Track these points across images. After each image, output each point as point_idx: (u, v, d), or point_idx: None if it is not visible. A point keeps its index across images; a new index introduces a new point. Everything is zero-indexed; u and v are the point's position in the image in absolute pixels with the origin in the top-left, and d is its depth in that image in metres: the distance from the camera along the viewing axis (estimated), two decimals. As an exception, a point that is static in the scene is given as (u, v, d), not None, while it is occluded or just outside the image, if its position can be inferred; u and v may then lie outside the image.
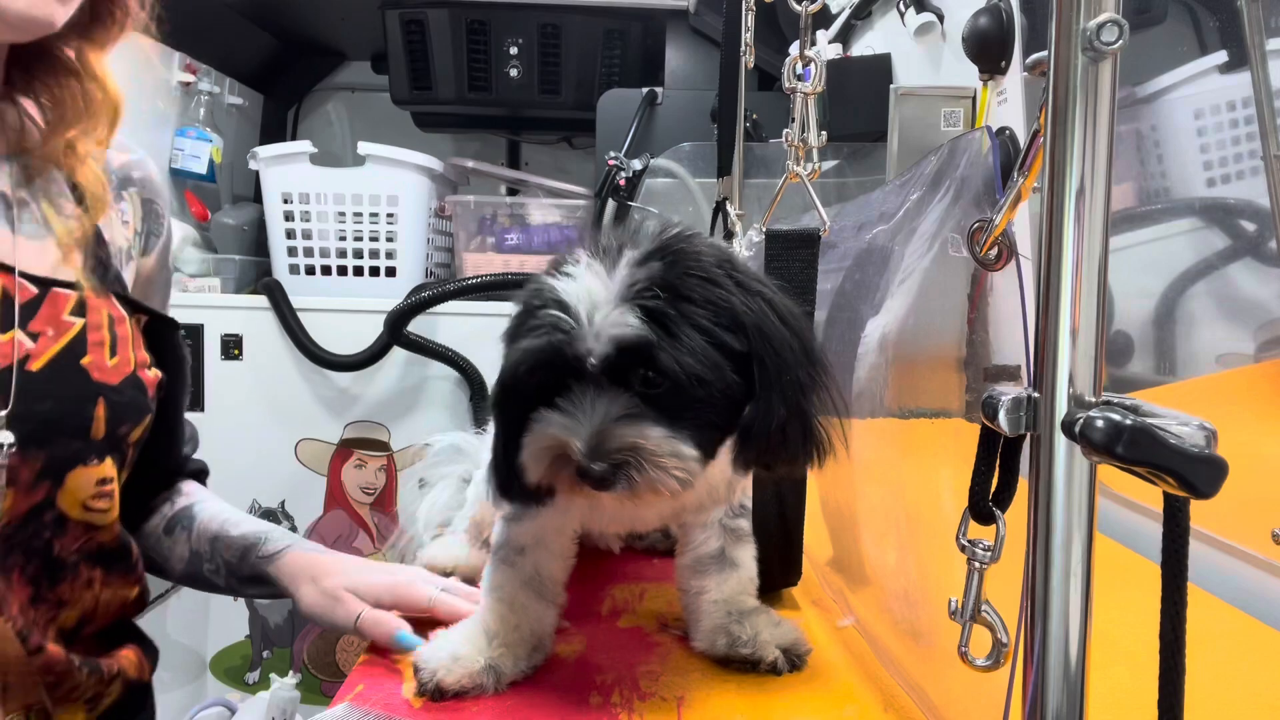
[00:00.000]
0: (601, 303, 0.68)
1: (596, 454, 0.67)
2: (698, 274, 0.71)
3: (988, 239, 0.55)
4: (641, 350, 0.67)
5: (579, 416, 0.68)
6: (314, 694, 2.27)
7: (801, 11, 1.01)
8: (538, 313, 0.70)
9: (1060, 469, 0.45)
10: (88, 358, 0.88)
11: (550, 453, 0.70)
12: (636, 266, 0.70)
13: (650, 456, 0.68)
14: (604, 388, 0.69)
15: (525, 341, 0.70)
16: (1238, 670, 0.81)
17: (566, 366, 0.69)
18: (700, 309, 0.69)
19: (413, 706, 0.78)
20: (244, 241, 2.47)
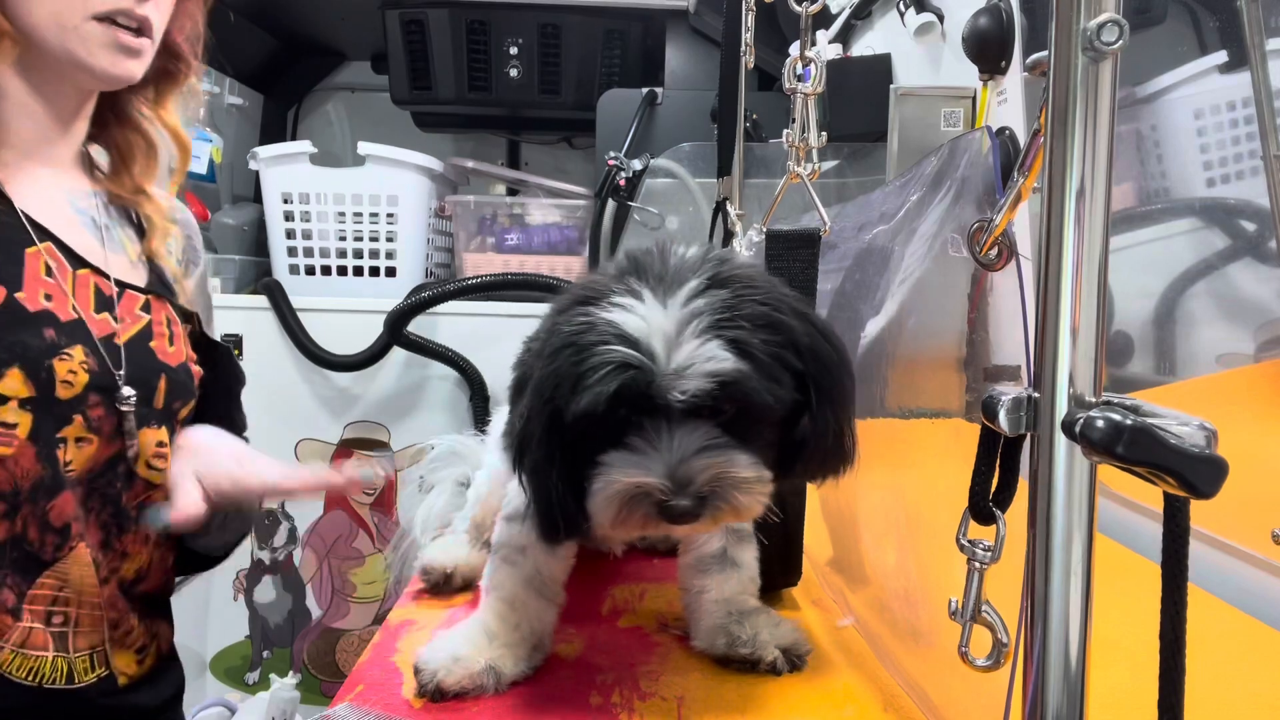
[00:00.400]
0: (677, 336, 0.66)
1: (684, 490, 0.65)
2: (760, 300, 0.70)
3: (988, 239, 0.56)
4: (736, 385, 0.66)
5: (656, 453, 0.66)
6: (314, 694, 2.28)
7: (801, 12, 1.01)
8: (596, 349, 0.67)
9: (1060, 469, 0.45)
10: (154, 342, 1.06)
11: (627, 495, 0.67)
12: (701, 296, 0.68)
13: (739, 484, 0.67)
14: (677, 420, 0.67)
15: (595, 384, 0.66)
16: (1238, 670, 0.81)
17: (640, 404, 0.67)
18: (768, 335, 0.69)
19: (413, 706, 0.78)
20: (244, 241, 2.47)
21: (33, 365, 0.91)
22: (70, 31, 0.95)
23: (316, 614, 2.31)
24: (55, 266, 0.97)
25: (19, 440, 0.91)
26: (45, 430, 0.93)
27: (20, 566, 0.93)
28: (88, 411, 0.96)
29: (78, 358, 0.95)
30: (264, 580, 2.30)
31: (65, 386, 0.94)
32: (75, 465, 0.96)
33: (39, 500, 0.93)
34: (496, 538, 0.88)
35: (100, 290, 1.01)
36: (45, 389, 0.92)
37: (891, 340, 0.82)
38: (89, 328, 0.98)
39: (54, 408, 0.93)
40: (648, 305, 0.68)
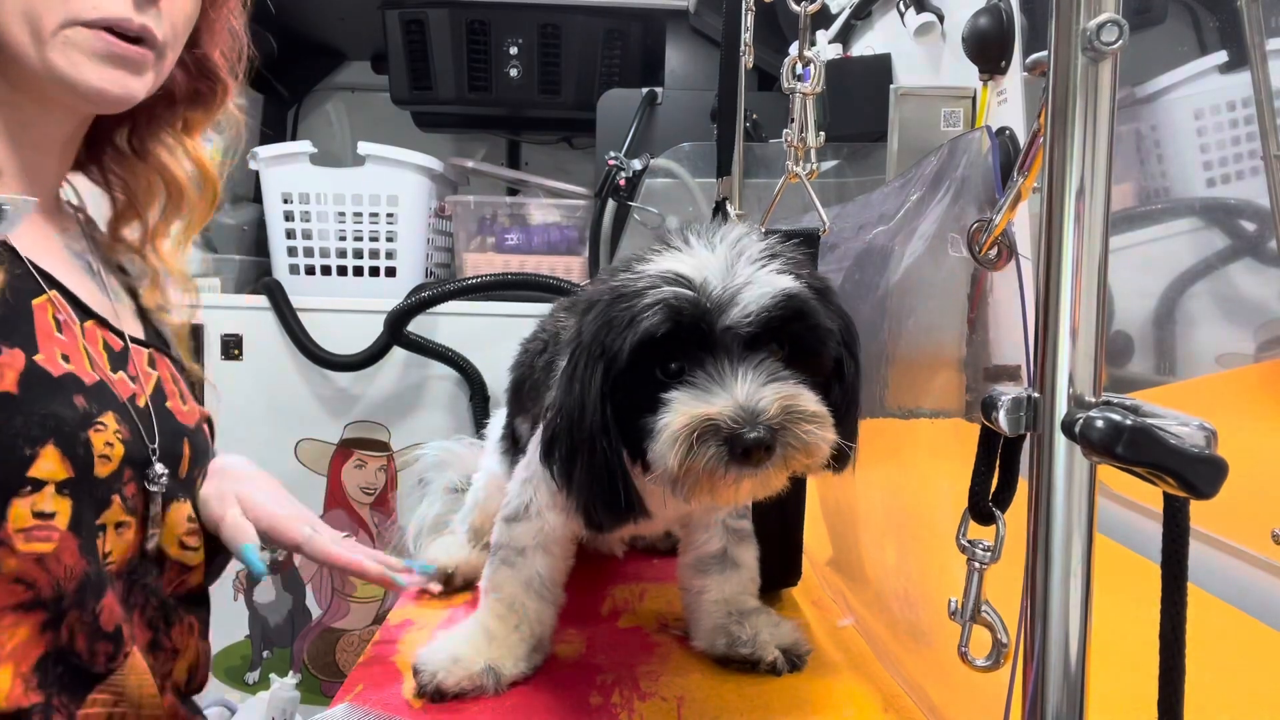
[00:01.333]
0: (730, 268, 0.65)
1: (755, 420, 0.61)
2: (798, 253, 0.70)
3: (988, 239, 0.55)
4: (802, 301, 0.65)
5: (720, 386, 0.63)
6: (314, 694, 2.27)
7: (801, 11, 1.01)
8: (647, 292, 0.64)
9: (1060, 469, 0.45)
10: (170, 402, 0.92)
11: (695, 429, 0.62)
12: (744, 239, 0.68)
13: (810, 416, 0.63)
14: (739, 355, 0.64)
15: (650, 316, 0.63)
16: (1238, 670, 0.81)
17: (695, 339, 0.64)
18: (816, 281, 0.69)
19: (412, 706, 0.78)
20: (244, 241, 2.47)
21: (68, 440, 0.76)
22: (49, 40, 0.78)
23: (316, 614, 2.31)
24: (65, 319, 0.82)
25: (60, 532, 0.75)
26: (86, 517, 0.78)
27: (67, 684, 0.77)
28: (124, 490, 0.82)
29: (111, 427, 0.81)
30: (264, 580, 2.30)
31: (103, 462, 0.79)
32: (115, 556, 0.82)
33: (87, 603, 0.78)
34: (496, 539, 0.88)
35: (109, 344, 0.87)
36: (84, 468, 0.78)
37: (891, 340, 0.82)
38: (111, 390, 0.83)
39: (94, 490, 0.79)
40: (694, 249, 0.67)
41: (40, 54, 0.78)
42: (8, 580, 0.74)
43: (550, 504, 0.84)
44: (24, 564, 0.74)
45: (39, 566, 0.75)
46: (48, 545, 0.75)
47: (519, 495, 0.87)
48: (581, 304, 0.75)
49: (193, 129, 0.96)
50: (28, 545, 0.74)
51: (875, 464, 0.85)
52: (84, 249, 0.93)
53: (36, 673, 0.75)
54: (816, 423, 0.64)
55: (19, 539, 0.73)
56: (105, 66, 0.80)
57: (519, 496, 0.87)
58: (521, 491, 0.87)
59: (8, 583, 0.74)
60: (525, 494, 0.86)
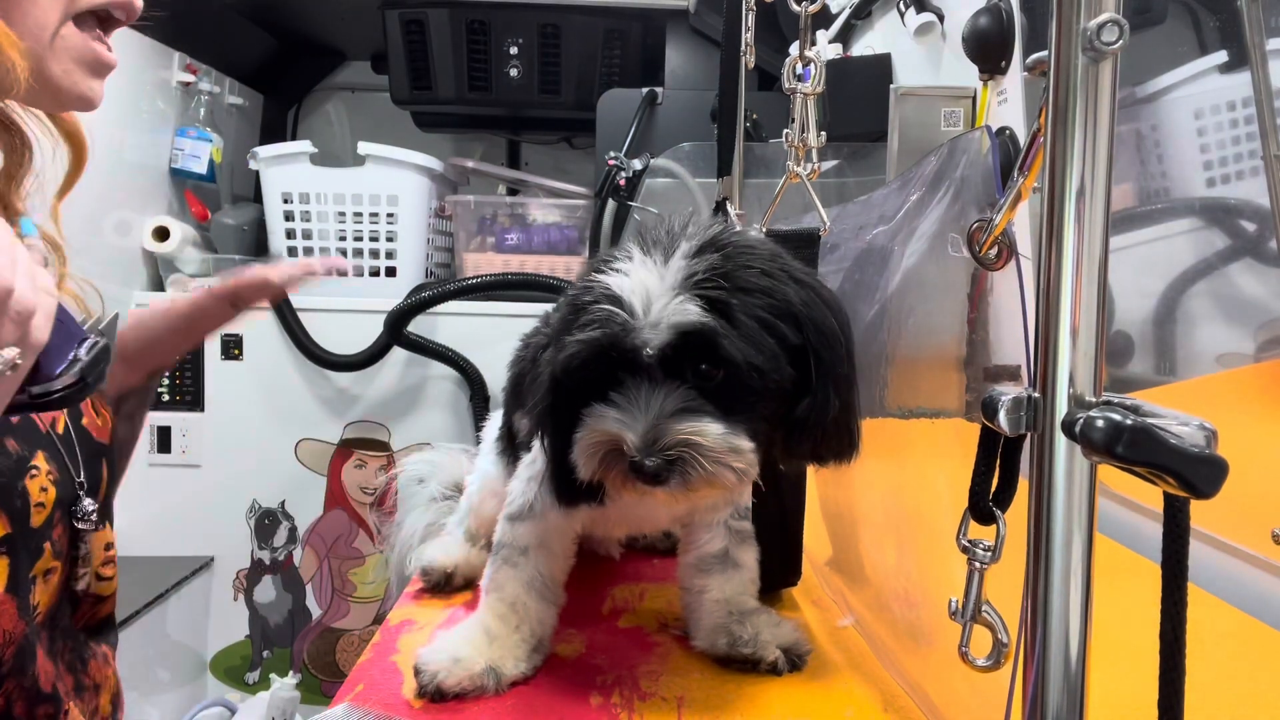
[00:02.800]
0: (658, 294, 0.67)
1: (651, 449, 0.66)
2: (753, 265, 0.70)
3: (988, 239, 0.55)
4: (703, 339, 0.66)
5: (633, 410, 0.67)
6: (314, 694, 2.27)
7: (801, 11, 1.01)
8: (589, 308, 0.69)
9: (1060, 469, 0.45)
10: (85, 418, 0.85)
11: (602, 448, 0.68)
12: (692, 259, 0.69)
13: (707, 452, 0.67)
14: (659, 381, 0.68)
15: (577, 335, 0.69)
16: (1238, 670, 0.81)
17: (621, 359, 0.68)
18: (758, 300, 0.69)
19: (412, 706, 0.78)
20: (244, 241, 2.47)
21: (6, 493, 0.70)
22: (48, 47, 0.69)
23: (316, 614, 2.31)
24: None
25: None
26: (22, 573, 0.72)
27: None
28: (53, 535, 0.76)
29: (43, 469, 0.74)
30: (264, 580, 2.30)
31: (39, 511, 0.74)
32: (42, 606, 0.76)
33: (26, 668, 0.72)
34: (499, 537, 0.88)
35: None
36: (22, 521, 0.71)
37: (891, 340, 0.82)
38: (33, 422, 0.76)
39: (29, 542, 0.73)
40: (637, 267, 0.70)
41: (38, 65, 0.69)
42: None
43: (553, 502, 0.84)
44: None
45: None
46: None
47: (522, 494, 0.87)
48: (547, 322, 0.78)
49: None
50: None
51: (875, 464, 0.85)
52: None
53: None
54: (713, 457, 0.67)
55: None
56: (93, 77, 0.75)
57: (522, 495, 0.87)
58: (526, 490, 0.87)
59: None
60: (529, 492, 0.87)
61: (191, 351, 1.01)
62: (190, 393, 2.22)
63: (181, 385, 2.21)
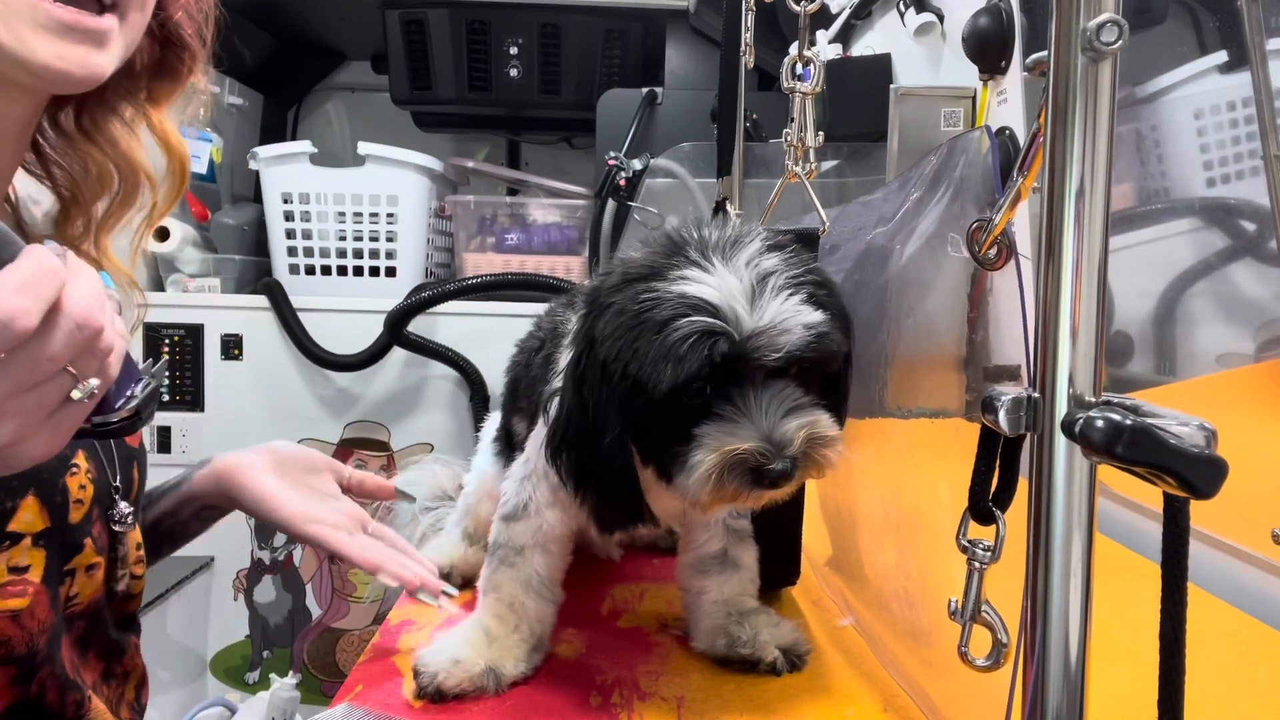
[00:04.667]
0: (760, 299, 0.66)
1: (781, 454, 0.66)
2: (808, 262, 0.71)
3: (987, 238, 0.55)
4: (829, 337, 0.67)
5: (747, 421, 0.66)
6: (314, 694, 2.27)
7: (801, 11, 1.01)
8: (675, 323, 0.65)
9: (1060, 469, 0.45)
10: None
11: (727, 464, 0.66)
12: (762, 258, 0.68)
13: (828, 441, 0.68)
14: (761, 384, 0.67)
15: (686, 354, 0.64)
16: (1238, 670, 0.81)
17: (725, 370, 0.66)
18: (831, 294, 0.70)
19: (412, 707, 0.78)
20: (244, 241, 2.47)
21: (47, 488, 0.73)
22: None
23: (316, 614, 2.31)
24: None
25: (34, 586, 0.72)
26: (56, 567, 0.75)
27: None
28: (93, 531, 0.79)
29: (83, 467, 0.77)
30: (264, 580, 2.30)
31: (77, 507, 0.76)
32: (81, 599, 0.79)
33: (56, 656, 0.76)
34: (494, 538, 0.88)
35: None
36: (60, 516, 0.75)
37: (891, 340, 0.82)
38: None
39: (65, 537, 0.76)
40: (717, 272, 0.67)
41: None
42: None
43: (550, 501, 0.84)
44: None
45: (14, 623, 0.71)
46: (22, 601, 0.72)
47: (517, 494, 0.87)
48: (583, 303, 0.76)
49: (159, 102, 0.84)
50: (2, 602, 0.70)
51: (875, 464, 0.85)
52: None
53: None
54: (832, 445, 0.68)
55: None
56: (60, 41, 0.64)
57: (517, 495, 0.87)
58: (520, 490, 0.87)
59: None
60: (524, 492, 0.86)
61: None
62: (190, 393, 2.22)
63: (181, 385, 2.21)
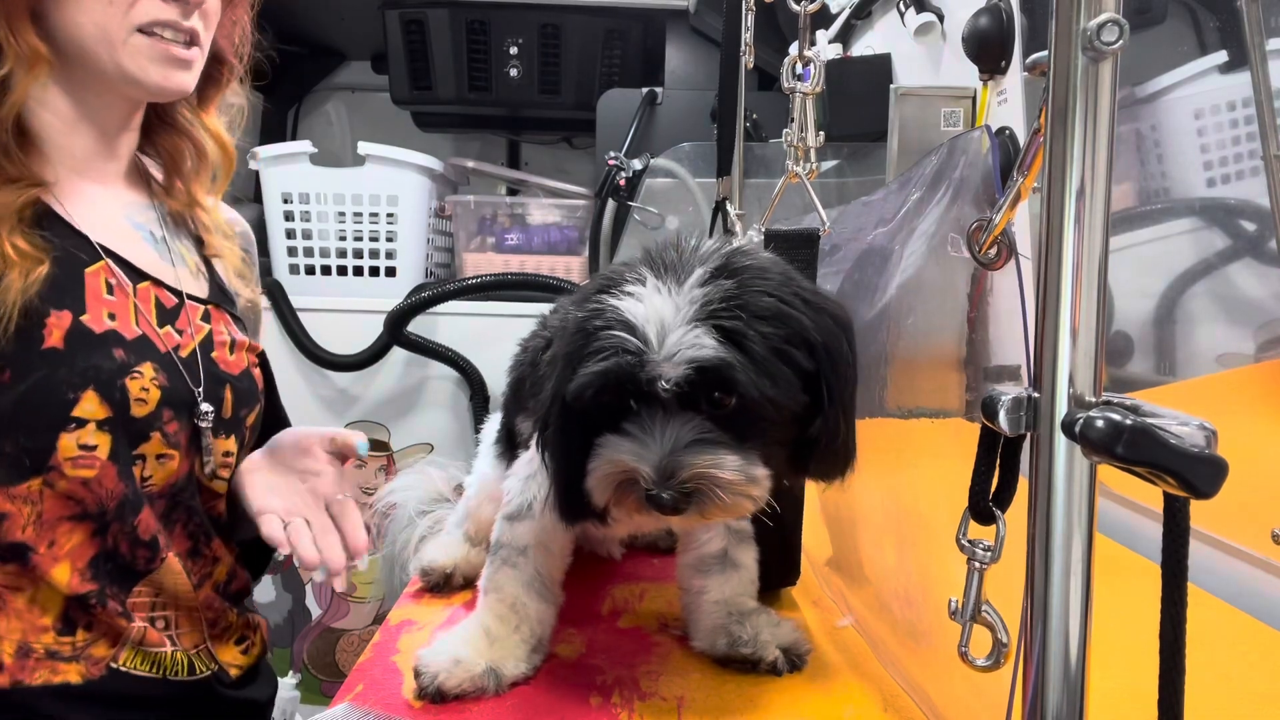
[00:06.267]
0: (672, 323, 0.67)
1: (666, 481, 0.66)
2: (767, 291, 0.69)
3: (987, 238, 0.55)
4: (719, 372, 0.66)
5: (647, 441, 0.67)
6: (314, 694, 2.27)
7: (801, 11, 1.01)
8: (600, 334, 0.68)
9: (1060, 469, 0.45)
10: (216, 352, 1.06)
11: (617, 479, 0.68)
12: (705, 284, 0.68)
13: (725, 484, 0.67)
14: (672, 410, 0.67)
15: (591, 365, 0.68)
16: (1238, 670, 0.81)
17: (635, 389, 0.67)
18: (772, 328, 0.68)
19: (412, 706, 0.78)
20: (244, 241, 2.47)
21: (106, 386, 0.92)
22: (119, 46, 0.93)
23: (316, 614, 2.31)
24: (115, 283, 0.97)
25: (100, 461, 0.92)
26: (123, 450, 0.94)
27: (116, 577, 0.95)
28: (164, 428, 0.97)
29: (148, 374, 0.95)
30: (264, 580, 2.30)
31: (139, 404, 0.94)
32: (156, 480, 0.98)
33: (126, 517, 0.94)
34: (496, 537, 0.88)
35: (161, 302, 1.01)
36: (121, 409, 0.93)
37: (891, 340, 0.82)
38: (154, 343, 0.98)
39: (131, 426, 0.94)
40: (650, 292, 0.69)
41: (113, 58, 0.94)
42: (62, 497, 0.92)
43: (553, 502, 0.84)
44: (72, 485, 0.92)
45: (85, 488, 0.92)
46: (90, 471, 0.92)
47: (520, 493, 0.87)
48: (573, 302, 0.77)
49: (206, 104, 1.12)
50: (74, 471, 0.91)
51: (875, 464, 0.85)
52: (147, 219, 1.07)
53: (90, 568, 0.94)
54: (731, 490, 0.67)
55: (67, 465, 0.91)
56: (165, 67, 0.96)
57: (521, 494, 0.87)
58: (523, 489, 0.87)
59: (62, 499, 0.92)
60: (528, 492, 0.87)
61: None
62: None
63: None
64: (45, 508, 0.91)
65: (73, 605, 0.93)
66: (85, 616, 0.94)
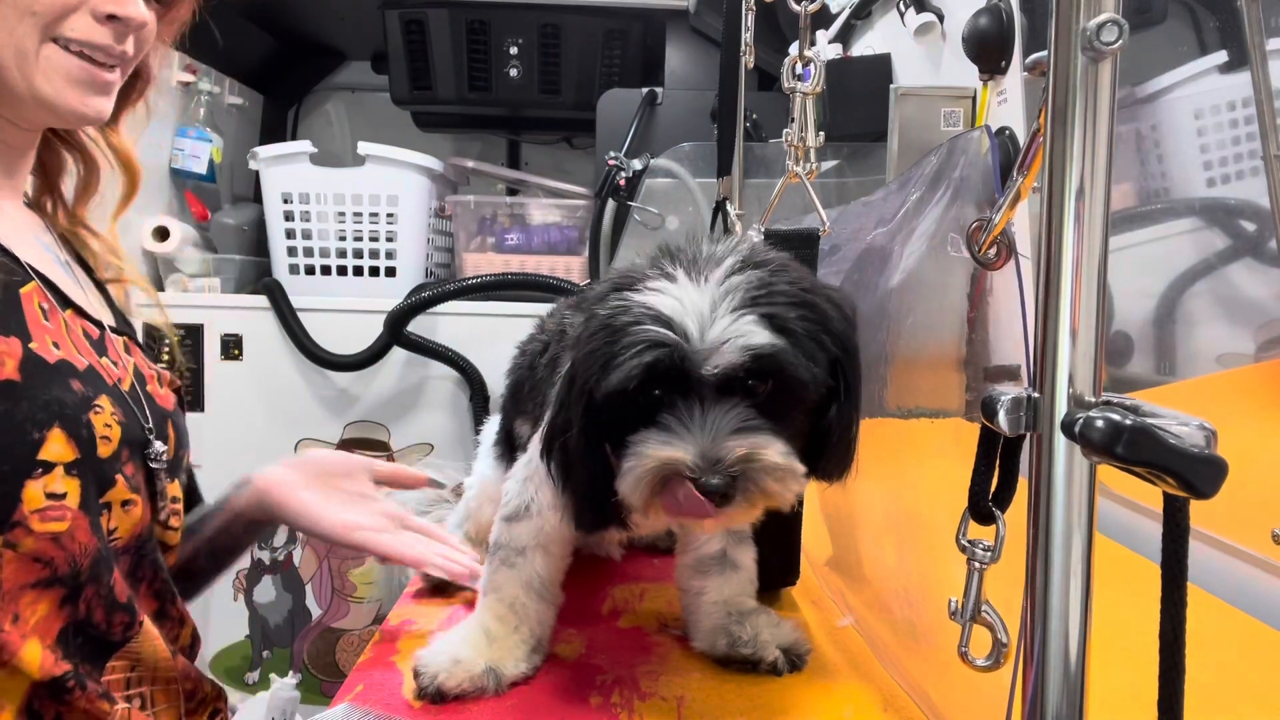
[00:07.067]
0: (713, 313, 0.65)
1: (715, 468, 0.64)
2: (794, 282, 0.70)
3: (987, 238, 0.55)
4: (773, 358, 0.65)
5: (689, 432, 0.65)
6: (314, 694, 2.27)
7: (801, 11, 1.01)
8: (631, 329, 0.66)
9: (1060, 469, 0.45)
10: (149, 385, 0.95)
11: (659, 474, 0.66)
12: (735, 275, 0.68)
13: (771, 469, 0.65)
14: (711, 400, 0.66)
15: (629, 358, 0.66)
16: (1238, 670, 0.81)
17: (674, 381, 0.66)
18: (807, 315, 0.68)
19: (412, 706, 0.78)
20: (244, 241, 2.47)
21: (72, 422, 0.79)
22: (32, 62, 0.81)
23: (316, 614, 2.31)
24: (48, 308, 0.84)
25: (72, 511, 0.79)
26: (92, 496, 0.82)
27: (88, 653, 0.82)
28: (124, 470, 0.85)
29: (107, 409, 0.84)
30: (264, 580, 2.30)
31: (104, 443, 0.83)
32: (121, 532, 0.85)
33: (102, 577, 0.82)
34: (495, 538, 0.88)
35: (87, 332, 0.89)
36: (88, 448, 0.81)
37: (891, 340, 0.82)
38: (101, 375, 0.86)
39: (97, 469, 0.82)
40: (681, 286, 0.68)
41: (25, 75, 0.82)
42: (27, 560, 0.77)
43: (551, 503, 0.84)
44: (40, 543, 0.77)
45: (55, 545, 0.78)
46: (61, 524, 0.78)
47: (519, 494, 0.87)
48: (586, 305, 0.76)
49: (114, 119, 0.99)
50: (43, 525, 0.77)
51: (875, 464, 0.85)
52: (49, 241, 0.96)
53: (60, 644, 0.79)
54: (777, 474, 0.66)
55: (35, 519, 0.76)
56: (84, 92, 0.85)
57: (519, 496, 0.87)
58: (522, 490, 0.87)
59: (27, 562, 0.77)
60: (526, 493, 0.86)
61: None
62: (190, 393, 2.22)
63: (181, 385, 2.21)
64: (6, 574, 0.75)
65: (40, 694, 0.77)
66: (55, 706, 0.78)
